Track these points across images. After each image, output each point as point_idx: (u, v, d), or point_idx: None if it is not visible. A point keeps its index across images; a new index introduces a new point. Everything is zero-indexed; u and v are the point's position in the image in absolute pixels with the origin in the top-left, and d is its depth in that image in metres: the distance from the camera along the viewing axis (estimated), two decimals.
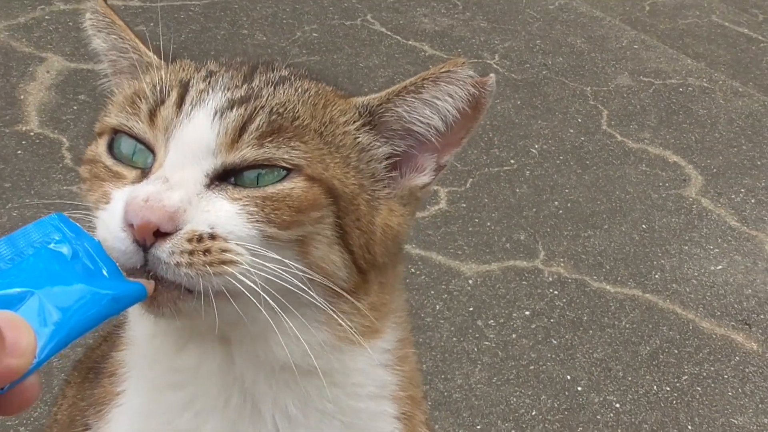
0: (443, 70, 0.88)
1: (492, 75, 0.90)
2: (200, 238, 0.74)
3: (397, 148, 0.92)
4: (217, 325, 0.79)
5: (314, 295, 0.80)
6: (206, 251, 0.74)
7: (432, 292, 2.35)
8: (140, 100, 0.83)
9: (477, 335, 2.26)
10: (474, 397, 2.11)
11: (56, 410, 1.15)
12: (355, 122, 0.89)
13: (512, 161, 2.79)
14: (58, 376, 1.16)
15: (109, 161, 0.82)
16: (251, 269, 0.75)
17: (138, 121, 0.82)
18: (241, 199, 0.77)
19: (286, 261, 0.77)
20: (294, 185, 0.80)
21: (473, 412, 2.08)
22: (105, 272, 0.68)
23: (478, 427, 2.05)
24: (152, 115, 0.81)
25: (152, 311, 0.78)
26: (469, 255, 2.47)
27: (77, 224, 0.70)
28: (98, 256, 0.69)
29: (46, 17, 2.96)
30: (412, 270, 2.40)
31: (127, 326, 0.96)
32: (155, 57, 0.91)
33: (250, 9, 3.21)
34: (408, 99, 0.89)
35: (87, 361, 1.11)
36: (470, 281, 2.40)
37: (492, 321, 2.30)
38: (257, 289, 0.75)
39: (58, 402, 1.15)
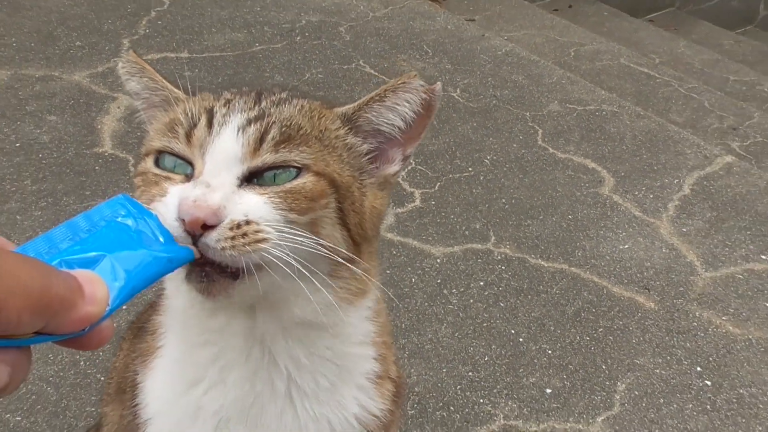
0: (400, 82, 0.89)
1: (438, 83, 0.90)
2: (238, 225, 0.73)
3: (372, 145, 0.91)
4: (259, 293, 0.79)
5: (324, 264, 0.81)
6: (244, 234, 0.73)
7: (409, 268, 2.36)
8: (177, 125, 0.83)
9: (443, 301, 2.28)
10: (441, 348, 2.12)
11: (115, 360, 1.14)
12: (342, 128, 0.89)
13: (470, 169, 2.79)
14: (118, 334, 1.17)
15: (157, 171, 0.82)
16: (279, 242, 0.74)
17: (177, 142, 0.82)
18: (266, 194, 0.77)
19: (302, 238, 0.77)
20: (306, 180, 0.80)
21: (440, 359, 2.09)
22: (161, 239, 0.68)
23: (444, 370, 2.05)
24: (188, 136, 0.81)
25: (209, 298, 0.78)
26: (437, 240, 2.48)
27: (138, 202, 0.70)
28: (155, 227, 0.68)
29: (117, 67, 2.98)
30: (394, 252, 2.40)
31: (165, 297, 0.95)
32: (181, 92, 0.90)
33: (271, 58, 3.19)
34: (375, 107, 0.90)
35: (137, 322, 1.10)
36: (438, 260, 2.41)
37: (454, 290, 2.32)
38: (285, 257, 0.75)
39: (117, 353, 1.14)
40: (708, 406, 2.08)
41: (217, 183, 0.77)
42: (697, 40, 5.23)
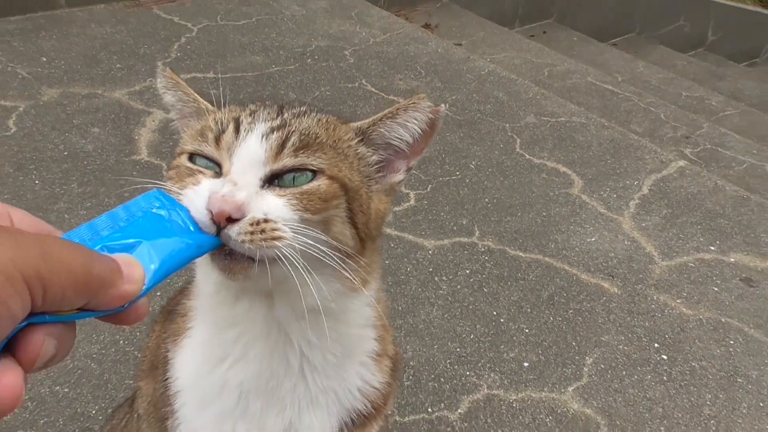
0: (411, 102, 0.88)
1: (443, 105, 0.89)
2: (258, 222, 0.72)
3: (381, 157, 0.90)
4: (270, 282, 0.77)
5: (334, 257, 0.80)
6: (262, 231, 0.72)
7: (405, 259, 2.36)
8: (207, 131, 0.83)
9: (434, 287, 2.27)
10: (432, 327, 2.12)
11: (148, 340, 1.13)
12: (354, 139, 0.88)
13: (457, 173, 2.78)
14: (151, 317, 1.17)
15: (190, 164, 0.82)
16: (293, 242, 0.74)
17: (207, 146, 0.81)
18: (285, 195, 0.76)
19: (316, 235, 0.76)
20: (320, 183, 0.79)
21: (432, 337, 2.09)
22: (191, 228, 0.67)
23: (435, 347, 2.05)
24: (217, 140, 0.80)
25: (230, 277, 0.77)
26: (429, 234, 2.48)
27: (171, 196, 0.70)
28: (186, 217, 0.68)
29: (152, 86, 2.97)
30: (392, 245, 2.40)
31: (195, 283, 0.95)
32: (210, 105, 0.90)
33: (285, 78, 3.19)
34: (387, 122, 0.89)
35: (168, 306, 1.09)
36: (430, 252, 2.41)
37: (444, 277, 2.32)
38: (296, 255, 0.74)
39: (150, 334, 1.14)
40: (664, 377, 2.09)
41: (243, 182, 0.76)
42: (654, 61, 5.24)
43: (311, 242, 0.76)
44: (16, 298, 0.43)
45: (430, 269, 2.35)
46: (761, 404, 2.05)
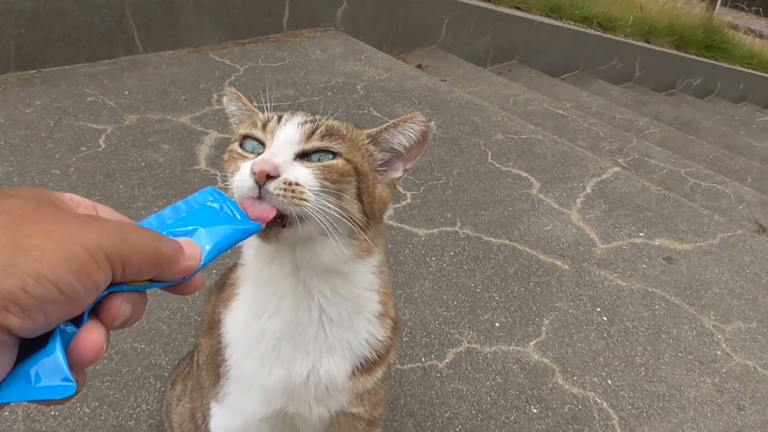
0: (409, 116, 0.88)
1: (432, 121, 0.89)
2: (290, 183, 0.72)
3: (385, 157, 0.89)
4: (299, 241, 0.78)
5: (348, 224, 0.80)
6: (293, 191, 0.72)
7: (403, 244, 2.33)
8: (258, 120, 0.84)
9: (426, 265, 2.25)
10: (425, 296, 2.10)
11: (206, 306, 1.12)
12: (366, 140, 0.87)
13: (443, 178, 2.76)
14: (208, 289, 1.16)
15: (240, 150, 0.82)
16: (314, 204, 0.74)
17: (256, 130, 0.82)
18: (311, 167, 0.76)
19: (331, 202, 0.76)
20: (339, 161, 0.79)
21: (424, 304, 2.07)
22: (238, 217, 0.66)
23: (427, 311, 2.03)
24: (264, 126, 0.82)
25: (265, 240, 0.76)
26: (421, 225, 2.45)
27: (222, 192, 0.69)
28: (234, 208, 0.67)
29: (209, 112, 2.96)
30: (393, 233, 2.37)
31: (242, 256, 0.94)
32: (261, 113, 0.90)
33: (311, 106, 3.18)
34: (391, 130, 0.88)
35: (220, 280, 1.08)
36: (422, 238, 2.38)
37: (433, 258, 2.29)
38: (317, 215, 0.74)
39: (206, 303, 1.13)
40: (605, 334, 2.07)
41: (280, 153, 0.77)
42: (594, 91, 5.20)
43: (328, 207, 0.76)
44: (100, 273, 0.43)
45: (423, 252, 2.32)
46: (679, 354, 2.04)
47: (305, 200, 0.74)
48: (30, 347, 0.43)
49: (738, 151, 4.61)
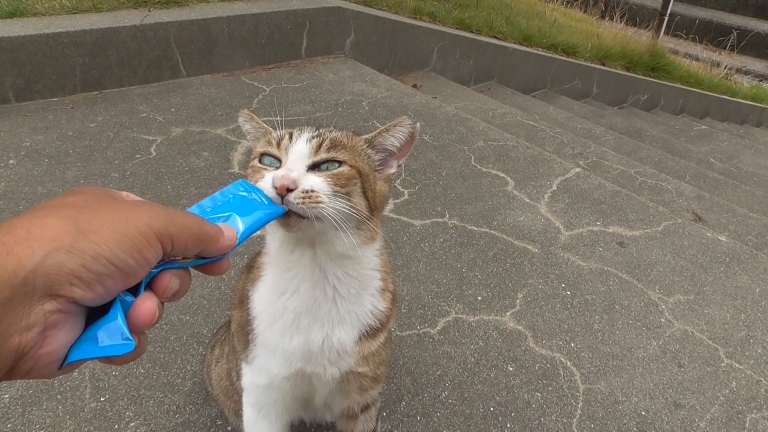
0: (398, 121, 0.86)
1: (417, 123, 0.87)
2: (306, 192, 0.71)
3: (381, 157, 0.88)
4: (316, 234, 0.77)
5: (355, 218, 0.79)
6: (310, 197, 0.71)
7: (401, 232, 2.31)
8: (273, 139, 0.82)
9: (420, 250, 2.23)
10: (420, 276, 2.08)
11: (238, 284, 1.11)
12: (364, 145, 0.86)
13: (434, 178, 2.72)
14: (240, 271, 1.14)
15: (260, 165, 0.80)
16: (329, 205, 0.72)
17: (272, 148, 0.80)
18: (323, 176, 0.75)
19: (343, 202, 0.75)
20: (344, 169, 0.77)
21: (419, 282, 2.05)
22: (266, 203, 0.66)
23: (421, 288, 2.02)
24: (278, 144, 0.80)
25: (288, 230, 0.75)
26: (417, 217, 2.43)
27: (251, 183, 0.69)
28: (262, 196, 0.67)
29: (240, 126, 2.98)
30: (393, 224, 2.35)
31: (266, 243, 0.92)
32: (272, 129, 0.88)
33: (324, 120, 3.14)
34: (384, 134, 0.86)
35: (249, 263, 1.06)
36: (417, 228, 2.36)
37: (427, 244, 2.27)
38: (332, 213, 0.73)
39: (238, 282, 1.11)
40: (568, 306, 2.05)
41: (295, 168, 0.75)
42: (560, 106, 5.16)
43: (340, 206, 0.75)
44: (151, 250, 0.44)
45: (418, 239, 2.30)
46: (630, 321, 2.02)
47: (321, 203, 0.73)
48: (96, 314, 0.44)
49: (678, 154, 4.57)
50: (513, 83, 5.24)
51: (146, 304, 0.45)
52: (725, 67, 8.50)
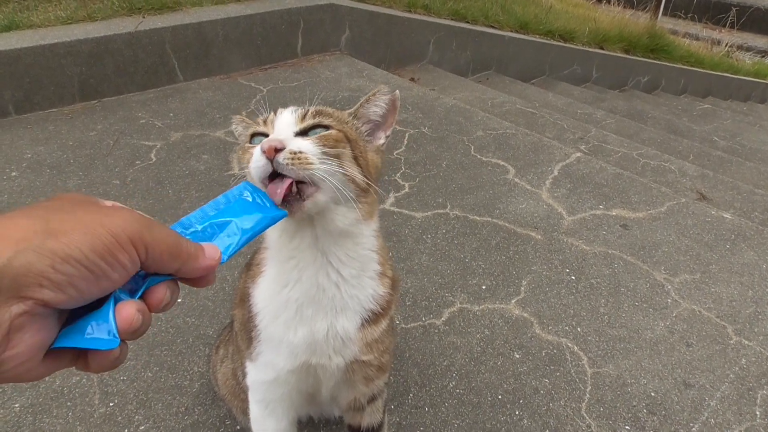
0: (376, 91, 0.87)
1: (397, 91, 0.87)
2: (295, 153, 0.71)
3: (367, 128, 0.88)
4: (318, 213, 0.77)
5: (353, 186, 0.78)
6: (299, 158, 0.71)
7: (404, 225, 2.30)
8: (260, 119, 0.84)
9: (423, 242, 2.22)
10: (423, 267, 2.07)
11: (239, 284, 1.11)
12: (349, 117, 0.86)
13: (435, 170, 2.71)
14: (241, 270, 1.14)
15: (249, 144, 0.80)
16: (320, 166, 0.72)
17: (260, 126, 0.81)
18: (310, 139, 0.75)
19: (334, 165, 0.74)
20: (332, 131, 0.78)
21: (423, 273, 2.04)
22: (268, 205, 0.66)
23: (425, 279, 2.01)
24: (265, 122, 0.81)
25: (291, 216, 0.73)
26: (418, 209, 2.42)
27: (255, 185, 0.68)
28: (264, 197, 0.66)
29: None
30: (395, 217, 2.34)
31: (265, 237, 0.91)
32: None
33: None
34: (366, 105, 0.87)
35: (249, 262, 1.06)
36: (419, 220, 2.35)
37: (429, 235, 2.26)
38: (325, 177, 0.72)
39: (239, 281, 1.11)
40: (573, 290, 2.04)
41: (282, 132, 0.77)
42: (559, 92, 5.12)
43: (332, 169, 0.74)
44: (124, 254, 0.42)
45: (420, 231, 2.30)
46: (636, 303, 2.01)
47: (311, 164, 0.73)
48: (94, 308, 0.44)
49: (681, 134, 4.53)
50: (511, 72, 5.20)
51: (126, 309, 0.44)
52: (726, 45, 8.40)
